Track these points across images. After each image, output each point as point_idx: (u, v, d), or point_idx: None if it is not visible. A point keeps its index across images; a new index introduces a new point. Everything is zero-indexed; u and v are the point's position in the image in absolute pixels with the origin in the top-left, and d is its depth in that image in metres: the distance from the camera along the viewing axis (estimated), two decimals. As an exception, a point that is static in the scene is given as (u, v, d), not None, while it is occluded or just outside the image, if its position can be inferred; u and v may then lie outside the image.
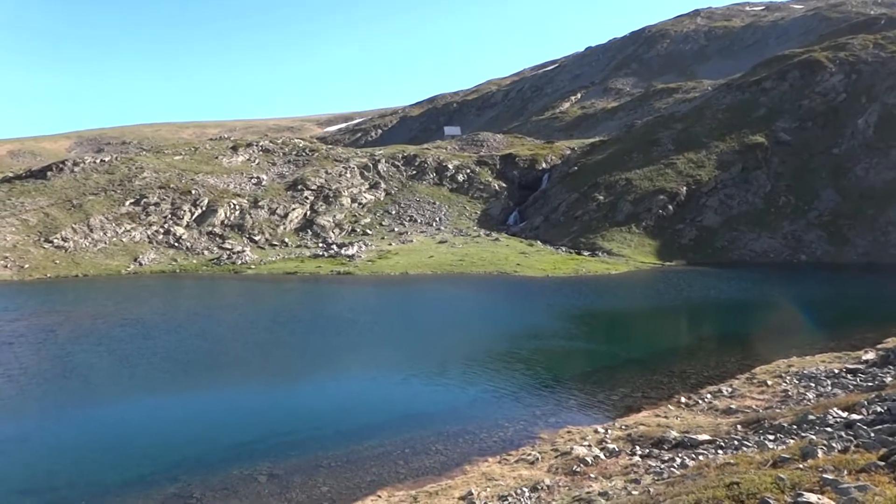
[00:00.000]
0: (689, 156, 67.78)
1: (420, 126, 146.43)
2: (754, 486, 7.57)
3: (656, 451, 13.56)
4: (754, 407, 16.29)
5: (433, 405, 19.26)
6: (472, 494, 12.15)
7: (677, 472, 11.16)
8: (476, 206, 75.51)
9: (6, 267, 58.22)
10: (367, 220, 72.46)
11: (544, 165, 79.78)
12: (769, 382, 18.65)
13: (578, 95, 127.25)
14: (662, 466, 12.29)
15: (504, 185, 78.08)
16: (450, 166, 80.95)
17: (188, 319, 34.68)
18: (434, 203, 75.62)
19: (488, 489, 12.50)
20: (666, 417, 16.42)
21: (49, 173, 78.26)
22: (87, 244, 63.84)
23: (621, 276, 49.50)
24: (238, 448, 15.67)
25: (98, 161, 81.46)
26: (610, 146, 77.19)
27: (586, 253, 57.52)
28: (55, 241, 63.29)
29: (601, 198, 65.75)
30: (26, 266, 58.78)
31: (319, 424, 17.50)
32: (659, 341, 29.36)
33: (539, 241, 62.84)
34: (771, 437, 12.74)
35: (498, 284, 46.71)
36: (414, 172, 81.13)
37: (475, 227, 70.34)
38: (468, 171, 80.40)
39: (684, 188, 63.97)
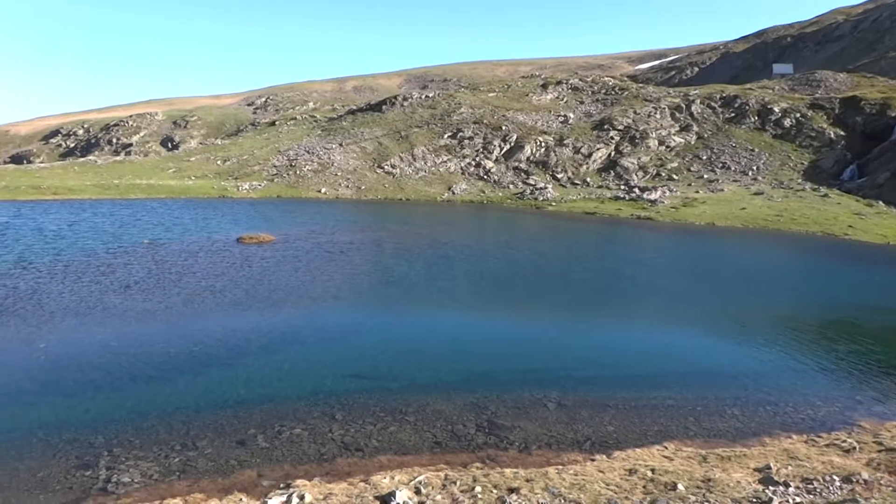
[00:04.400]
0: None
1: (743, 63, 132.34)
2: None
3: None
4: None
5: (731, 367, 17.95)
6: (769, 468, 11.15)
7: None
8: (803, 156, 66.66)
9: (347, 187, 68.10)
10: (674, 164, 68.81)
11: (900, 111, 66.64)
12: None
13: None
14: None
15: (842, 132, 67.39)
16: (775, 109, 72.25)
17: (492, 247, 37.03)
18: (752, 150, 68.62)
19: (790, 467, 11.35)
20: None
21: (383, 107, 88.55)
22: (411, 172, 71.36)
23: None
24: (529, 373, 16.44)
25: (423, 97, 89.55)
26: None
27: (946, 220, 47.43)
28: (386, 167, 71.94)
29: (977, 153, 53.15)
30: (362, 187, 68.05)
31: (608, 365, 17.53)
32: None
33: (881, 202, 53.41)
34: None
35: (823, 247, 41.13)
36: (732, 115, 74.26)
37: (799, 180, 62.36)
38: (797, 115, 70.96)
39: None
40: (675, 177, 66.03)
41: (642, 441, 12.74)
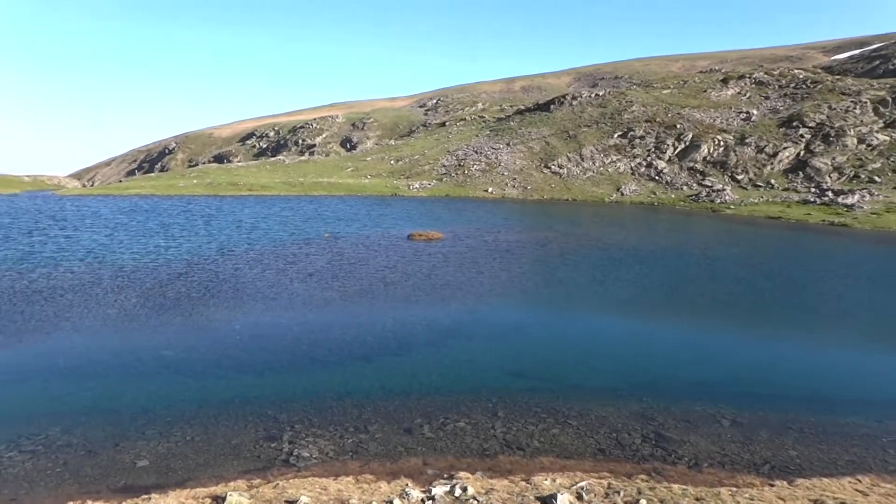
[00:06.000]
0: None
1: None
2: None
3: None
4: None
5: (945, 396, 15.72)
6: None
7: None
8: None
9: (514, 187, 68.51)
10: (877, 165, 61.55)
11: None
12: None
13: None
14: None
15: None
16: None
17: (663, 251, 35.44)
18: (977, 149, 59.66)
19: None
20: None
21: (552, 106, 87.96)
22: (578, 172, 70.27)
23: None
24: (700, 386, 15.53)
25: (593, 95, 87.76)
26: None
27: None
28: (552, 167, 71.45)
29: None
30: (528, 187, 68.13)
31: (792, 383, 16.06)
32: None
33: None
34: None
35: None
36: (953, 109, 65.03)
37: None
38: None
39: None
40: (877, 179, 59.06)
41: (830, 471, 11.55)
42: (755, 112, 74.10)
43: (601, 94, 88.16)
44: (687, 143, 69.60)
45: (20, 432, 11.82)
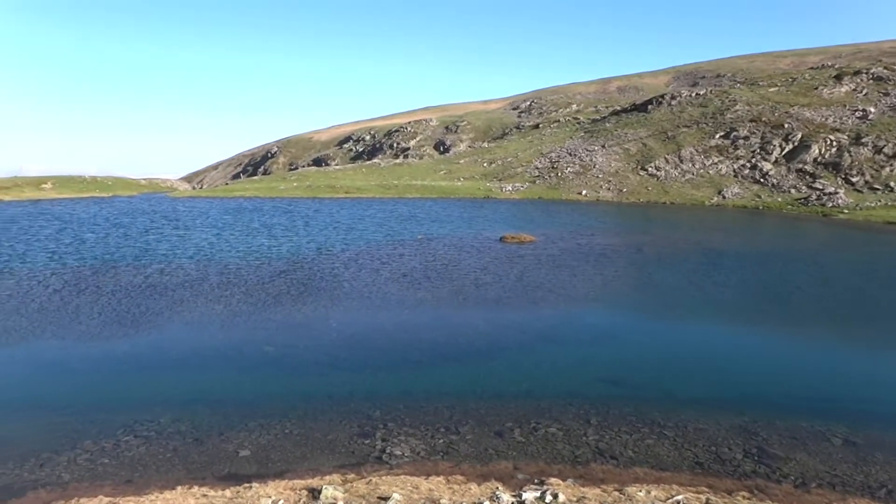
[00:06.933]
0: None
1: None
2: None
3: None
4: None
5: None
6: None
7: None
8: None
9: (608, 189, 67.12)
10: None
11: None
12: None
13: None
14: None
15: None
16: None
17: (768, 257, 33.68)
18: None
19: None
20: None
21: (649, 106, 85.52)
22: (677, 174, 67.94)
23: None
24: (809, 401, 14.63)
25: (693, 95, 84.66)
26: None
27: None
28: (649, 169, 69.45)
29: None
30: (624, 190, 66.53)
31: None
32: None
33: None
34: None
35: None
36: None
37: None
38: None
39: None
40: None
41: (955, 497, 10.59)
42: (873, 110, 69.11)
43: (702, 93, 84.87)
44: (795, 144, 65.81)
45: (136, 418, 12.68)
